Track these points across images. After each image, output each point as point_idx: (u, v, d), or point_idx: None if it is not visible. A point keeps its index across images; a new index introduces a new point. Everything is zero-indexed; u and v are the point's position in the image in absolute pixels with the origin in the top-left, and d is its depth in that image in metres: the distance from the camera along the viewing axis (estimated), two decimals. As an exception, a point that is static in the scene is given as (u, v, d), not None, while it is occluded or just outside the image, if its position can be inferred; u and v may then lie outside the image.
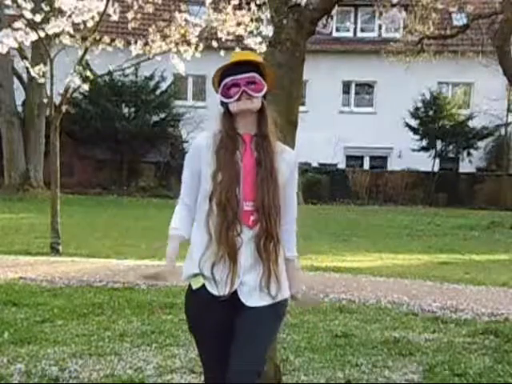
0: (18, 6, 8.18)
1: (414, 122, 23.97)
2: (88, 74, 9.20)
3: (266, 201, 2.33)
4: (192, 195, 2.45)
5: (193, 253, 2.43)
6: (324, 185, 22.15)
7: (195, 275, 2.40)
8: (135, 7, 9.83)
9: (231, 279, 2.32)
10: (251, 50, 8.73)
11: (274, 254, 2.36)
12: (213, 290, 2.37)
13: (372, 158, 25.93)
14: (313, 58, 14.29)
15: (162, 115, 23.58)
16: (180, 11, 9.95)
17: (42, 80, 9.32)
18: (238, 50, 8.27)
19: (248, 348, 2.35)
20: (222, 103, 2.44)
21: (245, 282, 2.35)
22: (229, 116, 2.42)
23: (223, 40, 9.67)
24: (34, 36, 8.37)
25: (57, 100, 9.37)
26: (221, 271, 2.34)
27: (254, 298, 2.37)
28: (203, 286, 2.38)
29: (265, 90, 2.41)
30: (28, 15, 8.20)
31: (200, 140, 2.46)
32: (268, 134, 2.41)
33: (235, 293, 2.35)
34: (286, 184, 2.43)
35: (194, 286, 2.42)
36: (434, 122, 23.58)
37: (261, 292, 2.36)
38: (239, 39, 9.77)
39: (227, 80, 2.40)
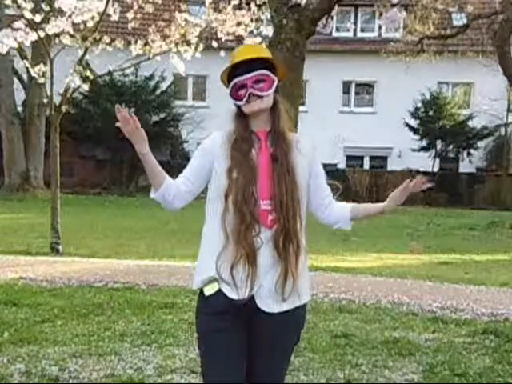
0: (18, 6, 8.19)
1: (413, 122, 23.99)
2: (88, 73, 9.20)
3: (284, 199, 2.22)
4: (190, 176, 2.33)
5: (207, 254, 2.29)
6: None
7: (210, 281, 2.26)
8: (135, 7, 9.85)
9: (251, 281, 2.20)
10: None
11: (293, 256, 2.23)
12: (232, 293, 2.22)
13: (372, 158, 25.94)
14: (313, 58, 14.31)
15: (162, 115, 23.60)
16: (180, 11, 9.97)
17: (41, 80, 9.32)
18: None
19: (264, 364, 2.29)
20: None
21: (263, 285, 2.22)
22: (242, 115, 2.32)
23: (223, 40, 9.68)
24: (33, 36, 8.37)
25: (57, 100, 9.37)
26: (240, 273, 2.20)
27: (270, 303, 2.24)
28: (217, 292, 2.24)
29: (275, 85, 2.31)
30: (28, 15, 8.20)
31: (215, 136, 2.36)
32: (283, 130, 2.31)
33: (252, 298, 2.23)
34: (307, 176, 2.34)
35: (208, 293, 2.26)
36: (434, 121, 23.60)
37: (277, 296, 2.24)
38: (239, 39, 9.78)
39: (235, 81, 2.29)
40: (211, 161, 2.30)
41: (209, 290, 2.26)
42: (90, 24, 8.70)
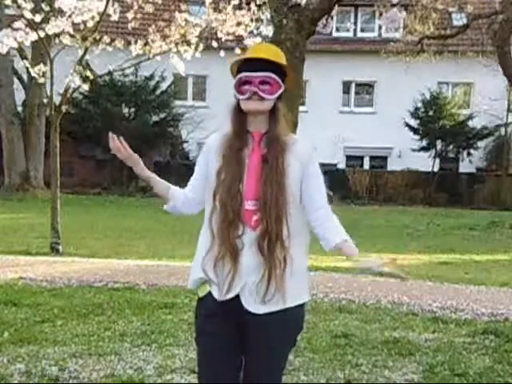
0: (18, 6, 8.19)
1: (414, 122, 23.99)
2: (88, 73, 9.20)
3: (268, 200, 2.20)
4: (195, 183, 2.40)
5: (198, 252, 2.34)
6: (324, 185, 22.16)
7: (202, 283, 2.31)
8: (135, 7, 9.85)
9: (232, 278, 2.21)
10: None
11: (278, 260, 2.21)
12: (216, 293, 2.26)
13: (372, 158, 25.94)
14: (313, 57, 14.31)
15: (162, 115, 23.59)
16: (180, 11, 9.97)
17: (42, 80, 9.32)
18: (237, 50, 8.29)
19: (257, 364, 2.30)
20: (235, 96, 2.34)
21: (247, 286, 2.23)
22: (239, 111, 2.31)
23: (223, 40, 9.68)
24: (34, 36, 8.38)
25: (57, 100, 9.37)
26: (222, 271, 2.23)
27: (256, 304, 2.24)
28: (208, 294, 2.29)
29: (279, 92, 2.30)
30: (28, 15, 8.21)
31: (211, 139, 2.39)
32: (279, 133, 2.29)
33: (238, 298, 2.24)
34: (299, 178, 2.29)
35: (200, 294, 2.33)
36: (434, 121, 23.60)
37: (262, 297, 2.23)
38: (239, 39, 9.78)
39: (241, 75, 2.27)
40: (207, 163, 2.35)
41: (201, 292, 2.32)
42: (90, 24, 8.70)
